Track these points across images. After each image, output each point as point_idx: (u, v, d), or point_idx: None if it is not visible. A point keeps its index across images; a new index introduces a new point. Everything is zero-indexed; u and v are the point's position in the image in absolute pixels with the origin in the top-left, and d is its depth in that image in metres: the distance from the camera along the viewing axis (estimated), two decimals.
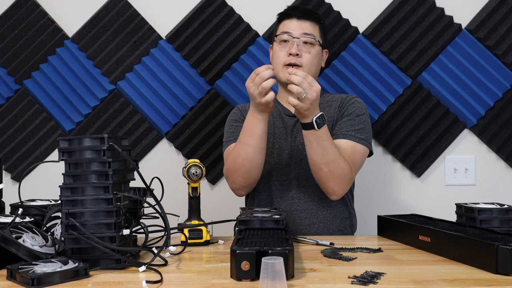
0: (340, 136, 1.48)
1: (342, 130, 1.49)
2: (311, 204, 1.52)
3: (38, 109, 1.94)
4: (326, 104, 1.57)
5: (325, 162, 1.36)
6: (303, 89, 1.26)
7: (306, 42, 1.49)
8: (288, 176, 1.53)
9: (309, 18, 1.52)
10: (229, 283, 0.88)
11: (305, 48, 1.49)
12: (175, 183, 1.54)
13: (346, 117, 1.51)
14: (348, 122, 1.50)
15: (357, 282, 0.87)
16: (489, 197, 1.87)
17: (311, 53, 1.50)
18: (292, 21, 1.52)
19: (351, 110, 1.52)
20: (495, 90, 1.89)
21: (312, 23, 1.53)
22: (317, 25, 1.54)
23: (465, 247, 1.00)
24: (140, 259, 1.10)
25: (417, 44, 1.90)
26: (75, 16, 1.95)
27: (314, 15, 1.55)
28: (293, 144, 1.55)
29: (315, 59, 1.51)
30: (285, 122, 1.58)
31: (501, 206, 1.25)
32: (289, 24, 1.52)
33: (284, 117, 1.59)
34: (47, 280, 0.87)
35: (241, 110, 1.64)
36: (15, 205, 1.20)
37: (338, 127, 1.51)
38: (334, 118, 1.54)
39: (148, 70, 1.93)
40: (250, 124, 1.38)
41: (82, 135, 1.13)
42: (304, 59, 1.49)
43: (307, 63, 1.49)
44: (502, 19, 1.89)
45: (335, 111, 1.55)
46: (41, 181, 1.91)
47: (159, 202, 1.07)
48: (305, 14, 1.53)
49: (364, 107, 1.55)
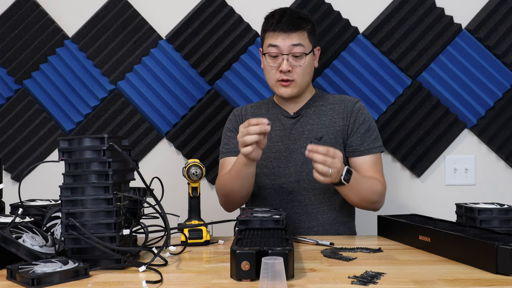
0: (364, 152, 1.52)
1: (362, 147, 1.52)
2: (311, 208, 1.51)
3: (38, 109, 1.94)
4: (329, 107, 1.57)
5: (363, 199, 1.43)
6: (328, 166, 1.25)
7: (296, 55, 1.47)
8: (287, 179, 1.52)
9: (295, 28, 1.47)
10: (229, 283, 0.88)
11: (296, 61, 1.48)
12: (175, 183, 1.54)
13: (360, 131, 1.52)
14: (364, 136, 1.52)
15: (357, 282, 0.87)
16: (489, 197, 1.87)
17: (303, 66, 1.48)
18: (276, 33, 1.47)
19: (361, 120, 1.53)
20: (495, 90, 1.89)
21: (299, 32, 1.47)
22: (305, 31, 1.49)
23: (465, 247, 1.00)
24: (140, 259, 1.10)
25: (417, 44, 1.90)
26: (75, 16, 1.95)
27: (300, 23, 1.48)
28: (292, 146, 1.53)
29: (307, 68, 1.50)
30: (283, 124, 1.57)
31: (501, 206, 1.25)
32: (275, 38, 1.47)
33: (282, 119, 1.57)
34: (47, 280, 0.87)
35: (237, 116, 1.63)
36: (15, 205, 1.20)
37: (356, 144, 1.52)
38: (340, 125, 1.53)
39: (148, 70, 1.93)
40: (238, 165, 1.40)
41: (82, 135, 1.13)
42: (296, 74, 1.48)
43: (299, 76, 1.49)
44: (502, 19, 1.89)
45: (341, 118, 1.54)
46: (41, 181, 1.91)
47: (159, 202, 1.07)
48: (291, 25, 1.46)
49: (368, 111, 1.57)
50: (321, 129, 1.53)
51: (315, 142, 1.51)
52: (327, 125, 1.54)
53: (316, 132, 1.53)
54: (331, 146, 1.44)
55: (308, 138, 1.52)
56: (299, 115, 1.56)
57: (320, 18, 1.90)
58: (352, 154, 1.53)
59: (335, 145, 1.51)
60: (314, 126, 1.54)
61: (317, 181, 1.33)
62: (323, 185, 1.50)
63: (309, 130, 1.54)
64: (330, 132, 1.53)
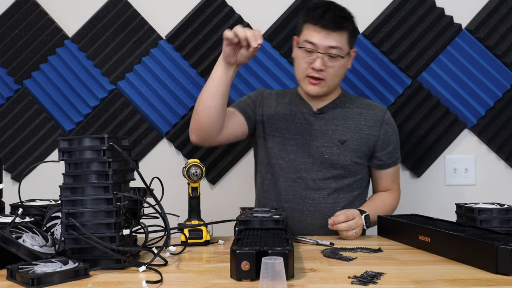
0: (391, 165, 1.58)
1: (389, 160, 1.57)
2: (324, 206, 1.51)
3: (38, 109, 1.94)
4: (355, 111, 1.55)
5: None
6: (352, 229, 1.32)
7: (331, 55, 1.43)
8: (302, 174, 1.51)
9: (336, 27, 1.42)
10: (229, 283, 0.88)
11: (330, 62, 1.44)
12: (175, 183, 1.54)
13: (390, 145, 1.56)
14: (393, 151, 1.57)
15: (357, 282, 0.87)
16: (489, 197, 1.87)
17: (336, 67, 1.45)
18: (317, 29, 1.42)
19: (390, 132, 1.56)
20: (495, 90, 1.89)
21: (340, 32, 1.43)
22: (346, 31, 1.45)
23: (465, 247, 1.00)
24: (140, 259, 1.10)
25: (417, 44, 1.90)
26: (75, 16, 1.95)
27: (343, 22, 1.44)
28: (311, 143, 1.52)
29: (340, 70, 1.48)
30: (306, 119, 1.54)
31: (501, 206, 1.25)
32: (314, 33, 1.42)
33: (305, 113, 1.55)
34: (47, 280, 0.87)
35: (260, 95, 1.62)
36: (15, 205, 1.20)
37: (385, 158, 1.56)
38: (366, 133, 1.52)
39: (148, 70, 1.93)
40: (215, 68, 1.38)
41: (82, 135, 1.13)
42: (328, 74, 1.45)
43: (330, 77, 1.46)
44: (502, 19, 1.89)
45: (368, 125, 1.53)
46: (41, 181, 1.91)
47: (159, 202, 1.07)
48: (332, 23, 1.41)
49: (393, 120, 1.60)
50: (346, 132, 1.52)
51: (338, 144, 1.50)
52: (353, 130, 1.52)
53: (341, 134, 1.52)
54: (353, 151, 1.50)
55: (331, 138, 1.51)
56: (322, 113, 1.54)
57: None
58: (379, 167, 1.58)
59: (356, 151, 1.51)
60: (339, 127, 1.52)
61: (332, 180, 1.45)
62: (338, 185, 1.51)
63: (333, 130, 1.52)
64: (355, 138, 1.52)
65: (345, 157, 1.51)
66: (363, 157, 1.54)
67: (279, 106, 1.59)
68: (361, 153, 1.52)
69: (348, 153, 1.51)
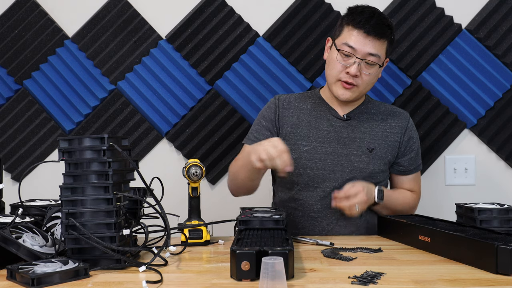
0: (413, 171, 1.58)
1: (411, 167, 1.57)
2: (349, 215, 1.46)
3: (38, 109, 1.94)
4: (380, 117, 1.54)
5: (395, 211, 1.51)
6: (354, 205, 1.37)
7: (369, 63, 1.41)
8: (331, 184, 1.47)
9: (380, 35, 1.40)
10: (229, 283, 0.88)
11: (366, 69, 1.42)
12: (175, 183, 1.54)
13: (413, 151, 1.56)
14: (415, 157, 1.57)
15: (357, 282, 0.87)
16: (489, 197, 1.87)
17: (370, 75, 1.43)
18: (359, 33, 1.39)
19: (414, 139, 1.56)
20: (495, 90, 1.89)
21: (381, 40, 1.41)
22: (387, 40, 1.43)
23: (465, 247, 1.00)
24: (140, 259, 1.10)
25: (417, 44, 1.90)
26: (75, 16, 1.95)
27: (386, 31, 1.41)
28: (340, 151, 1.48)
29: (374, 78, 1.46)
30: (333, 126, 1.51)
31: (501, 206, 1.25)
32: (355, 36, 1.39)
33: (332, 119, 1.51)
34: (47, 280, 0.87)
35: (277, 106, 1.55)
36: (15, 205, 1.20)
37: (408, 164, 1.56)
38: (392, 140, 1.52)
39: (148, 70, 1.93)
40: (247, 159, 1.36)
41: (82, 135, 1.13)
42: (362, 80, 1.43)
43: (364, 83, 1.44)
44: (502, 19, 1.89)
45: (393, 133, 1.53)
46: (41, 181, 1.91)
47: (159, 202, 1.07)
48: (377, 30, 1.39)
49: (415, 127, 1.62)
50: (374, 140, 1.51)
51: (367, 153, 1.49)
52: (380, 137, 1.51)
53: (368, 142, 1.50)
54: (380, 159, 1.50)
55: (359, 146, 1.49)
56: (350, 119, 1.52)
57: (320, 18, 1.90)
58: (400, 173, 1.57)
59: (383, 158, 1.51)
60: (366, 135, 1.51)
61: None
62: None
63: (361, 138, 1.50)
64: (382, 146, 1.51)
65: (373, 165, 1.49)
66: (388, 164, 1.53)
67: (302, 113, 1.54)
68: (387, 161, 1.52)
69: (376, 161, 1.49)
